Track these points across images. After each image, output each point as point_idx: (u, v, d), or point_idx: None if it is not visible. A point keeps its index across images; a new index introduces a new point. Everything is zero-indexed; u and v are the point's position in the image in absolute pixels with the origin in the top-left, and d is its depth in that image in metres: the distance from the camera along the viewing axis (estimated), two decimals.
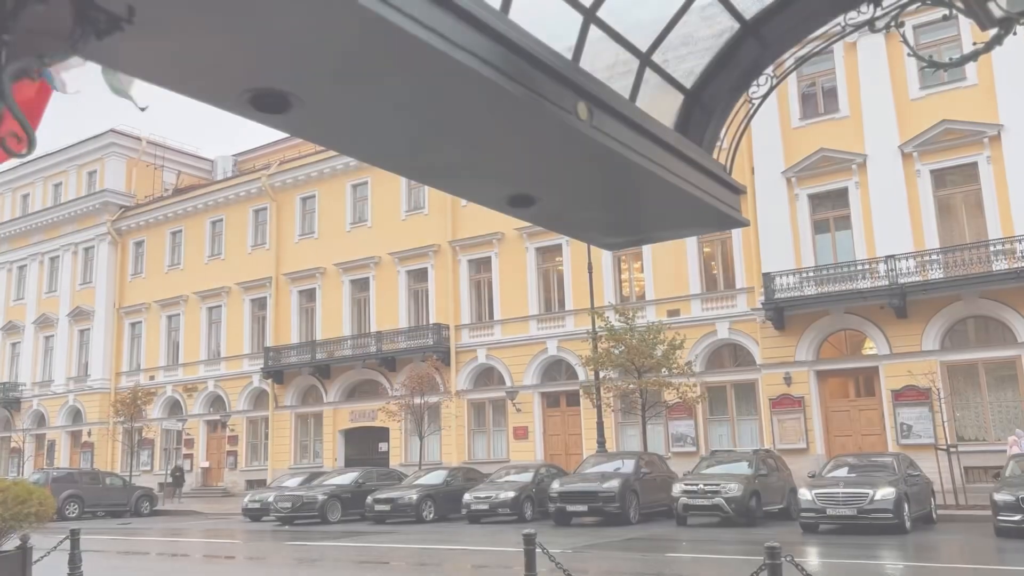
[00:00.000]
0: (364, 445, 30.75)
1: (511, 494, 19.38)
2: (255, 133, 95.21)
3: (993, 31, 3.90)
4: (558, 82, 3.30)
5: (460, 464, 26.20)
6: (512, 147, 3.51)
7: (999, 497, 13.35)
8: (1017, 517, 12.99)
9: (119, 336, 38.40)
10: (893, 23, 4.51)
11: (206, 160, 43.43)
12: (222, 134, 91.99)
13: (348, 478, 23.18)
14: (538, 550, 6.56)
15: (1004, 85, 20.18)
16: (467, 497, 19.80)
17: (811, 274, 22.01)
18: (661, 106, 4.77)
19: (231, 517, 24.39)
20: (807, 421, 22.00)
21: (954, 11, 3.95)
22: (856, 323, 21.71)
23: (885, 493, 14.10)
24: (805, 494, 14.88)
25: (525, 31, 3.18)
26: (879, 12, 4.46)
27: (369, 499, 20.99)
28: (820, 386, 22.31)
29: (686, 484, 16.96)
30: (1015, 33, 3.65)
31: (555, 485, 18.35)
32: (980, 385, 20.43)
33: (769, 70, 5.12)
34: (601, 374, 22.93)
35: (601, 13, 3.97)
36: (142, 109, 2.88)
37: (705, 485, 16.56)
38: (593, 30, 4.02)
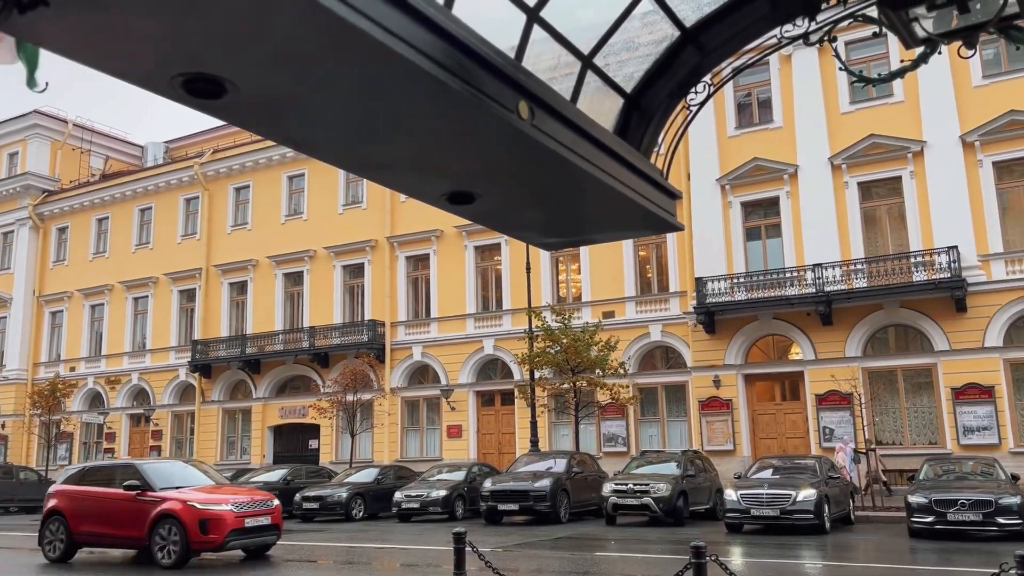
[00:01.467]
0: (294, 442, 30.25)
1: (443, 493, 19.32)
2: (189, 120, 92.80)
3: (919, 50, 4.05)
4: (500, 80, 3.29)
5: (392, 462, 26.03)
6: (453, 144, 3.49)
7: (913, 499, 13.90)
8: (929, 519, 13.54)
9: (38, 325, 36.90)
10: (826, 37, 4.64)
11: (136, 146, 42.09)
12: (153, 120, 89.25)
13: (276, 475, 22.78)
14: (468, 548, 6.55)
15: (928, 104, 21.02)
16: (398, 495, 19.68)
17: (742, 280, 22.56)
18: (601, 109, 4.81)
19: None
20: (734, 423, 22.52)
21: (883, 29, 4.08)
22: (783, 329, 22.32)
23: (807, 495, 14.53)
24: (731, 495, 15.22)
25: (468, 27, 3.16)
26: (813, 26, 4.59)
27: (297, 497, 20.66)
28: (747, 389, 22.86)
29: (616, 484, 17.17)
30: (939, 53, 3.79)
31: (487, 484, 18.37)
32: (898, 391, 21.23)
33: (707, 78, 5.21)
34: (536, 373, 23.06)
35: (545, 13, 3.98)
36: (40, 90, 2.73)
37: (635, 485, 16.79)
38: (536, 30, 4.03)
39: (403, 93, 2.89)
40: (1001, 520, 13.07)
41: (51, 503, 13.44)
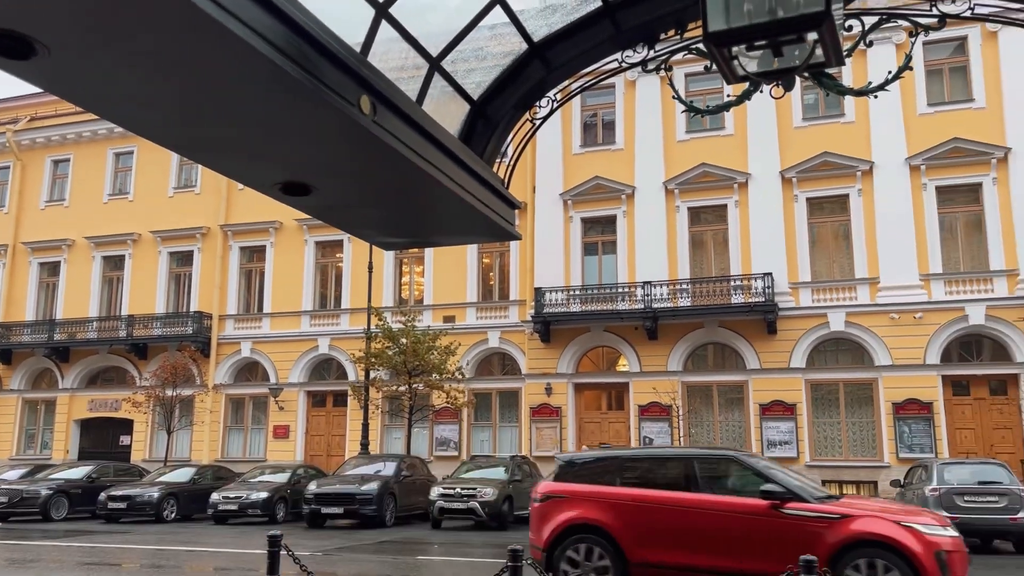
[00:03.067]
0: (104, 438, 28.13)
1: (263, 495, 18.63)
2: (2, 82, 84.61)
3: (745, 87, 4.35)
4: (343, 72, 3.23)
5: (212, 462, 24.80)
6: (288, 132, 3.38)
7: None
8: None
9: None
10: (663, 66, 4.89)
11: None
12: None
13: (80, 472, 21.14)
14: (284, 552, 6.34)
15: (754, 139, 22.64)
16: (215, 497, 18.78)
17: (578, 292, 23.34)
18: (447, 113, 4.83)
19: None
20: (562, 430, 23.21)
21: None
22: (613, 341, 23.27)
23: None
24: None
25: (313, 15, 3.08)
26: (652, 54, 4.83)
27: (103, 496, 19.27)
28: (577, 398, 23.64)
29: (444, 488, 17.24)
30: (760, 92, 4.09)
31: (312, 486, 17.90)
32: (713, 405, 22.65)
33: (552, 94, 5.36)
34: (372, 375, 22.74)
35: (395, 11, 3.95)
36: None
37: (462, 489, 16.92)
38: (385, 28, 3.99)
39: (236, 74, 2.77)
40: None
41: (573, 513, 8.99)
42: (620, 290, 22.92)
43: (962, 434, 20.33)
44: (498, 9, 4.48)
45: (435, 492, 17.24)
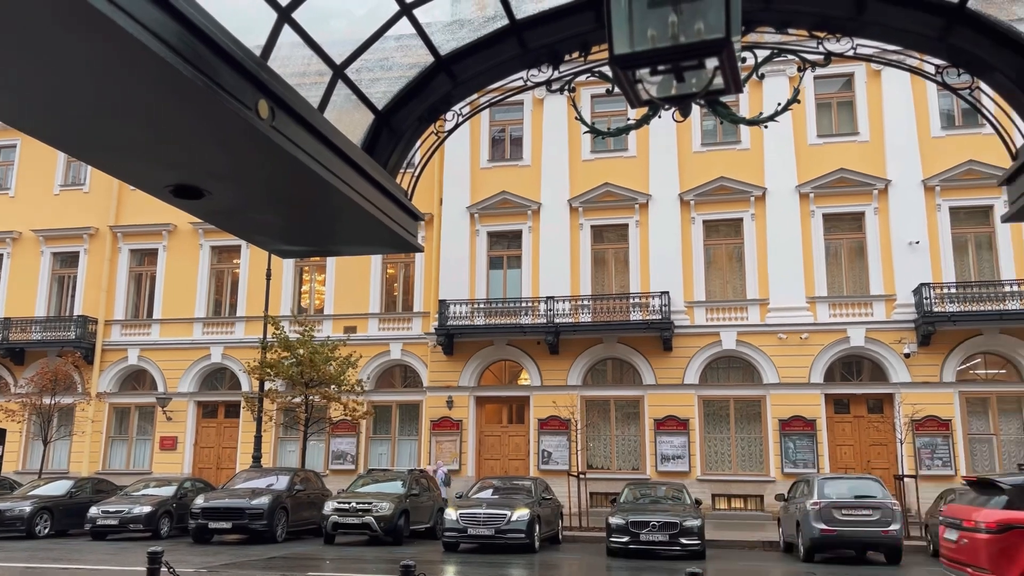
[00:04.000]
0: None
1: (147, 509, 17.78)
2: None
3: (645, 110, 4.47)
4: (240, 75, 3.15)
5: (92, 475, 23.51)
6: (180, 134, 3.27)
7: (612, 520, 15.11)
8: (625, 539, 14.79)
9: None
10: (567, 87, 4.98)
11: None
12: None
13: None
14: (165, 569, 6.06)
15: (655, 162, 23.31)
16: (93, 511, 17.79)
17: (482, 305, 23.40)
18: (351, 122, 4.78)
19: None
20: (463, 444, 23.15)
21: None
22: (516, 355, 23.41)
23: (520, 515, 15.25)
24: (450, 514, 15.57)
25: (210, 15, 2.99)
26: (557, 75, 4.91)
27: None
28: (478, 411, 23.65)
29: (338, 502, 16.88)
30: (659, 116, 4.21)
31: (199, 500, 17.20)
32: (610, 419, 23.07)
33: (459, 107, 5.37)
34: (267, 386, 22.11)
35: (298, 16, 3.88)
36: None
37: (357, 504, 16.61)
38: (289, 33, 3.91)
39: (124, 72, 2.66)
40: (684, 541, 14.59)
41: None
42: (524, 304, 23.12)
43: (842, 450, 21.39)
44: (405, 20, 4.47)
45: (329, 506, 16.86)
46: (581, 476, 20.31)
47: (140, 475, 23.16)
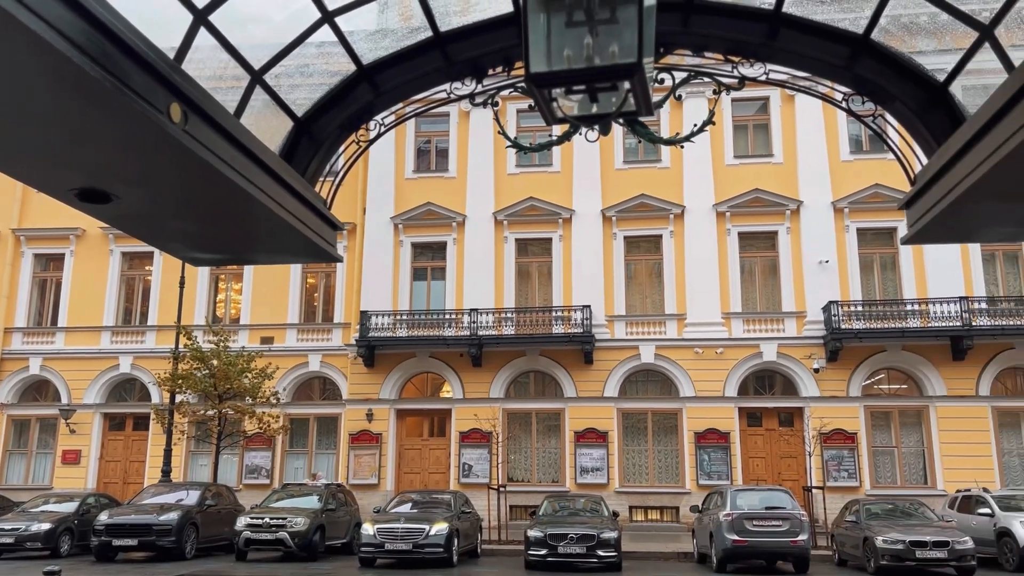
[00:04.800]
0: None
1: (46, 526, 16.93)
2: None
3: (567, 127, 4.52)
4: (152, 77, 3.05)
5: None
6: (87, 136, 3.14)
7: (531, 533, 15.13)
8: (543, 551, 14.82)
9: None
10: (490, 101, 5.00)
11: None
12: None
13: None
14: None
15: (579, 177, 23.63)
16: None
17: (405, 317, 23.20)
18: (269, 128, 4.68)
19: None
20: (382, 457, 22.84)
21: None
22: (438, 367, 23.28)
23: (439, 529, 15.11)
24: (367, 529, 15.33)
25: (122, 16, 2.90)
26: (480, 88, 4.93)
27: None
28: (399, 424, 23.39)
29: (251, 517, 16.42)
30: (580, 133, 4.27)
31: (103, 516, 16.46)
32: (532, 432, 23.16)
33: (382, 117, 5.32)
34: (179, 397, 21.36)
35: (215, 19, 3.79)
36: None
37: (271, 519, 16.19)
38: (205, 36, 3.82)
39: (26, 69, 2.54)
40: (601, 553, 14.72)
41: None
42: (447, 316, 23.03)
43: (754, 462, 22.00)
44: (327, 27, 4.42)
45: (241, 522, 16.37)
46: (501, 489, 20.29)
47: (39, 490, 22.04)
